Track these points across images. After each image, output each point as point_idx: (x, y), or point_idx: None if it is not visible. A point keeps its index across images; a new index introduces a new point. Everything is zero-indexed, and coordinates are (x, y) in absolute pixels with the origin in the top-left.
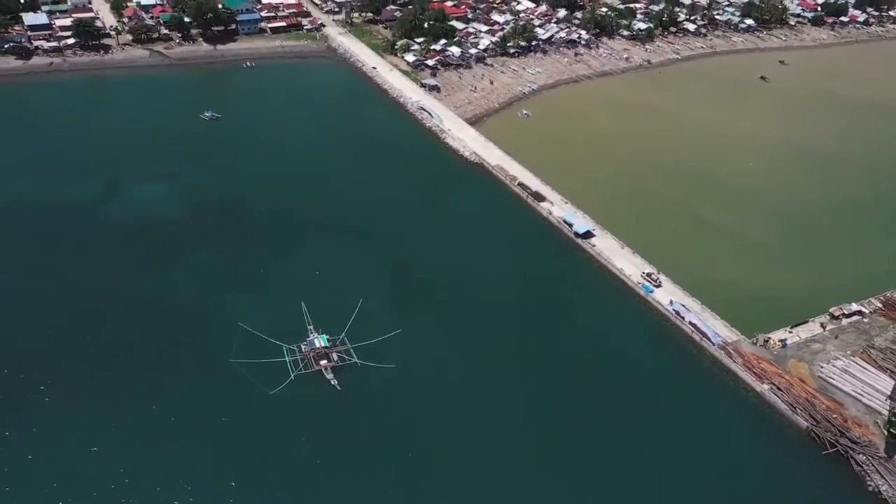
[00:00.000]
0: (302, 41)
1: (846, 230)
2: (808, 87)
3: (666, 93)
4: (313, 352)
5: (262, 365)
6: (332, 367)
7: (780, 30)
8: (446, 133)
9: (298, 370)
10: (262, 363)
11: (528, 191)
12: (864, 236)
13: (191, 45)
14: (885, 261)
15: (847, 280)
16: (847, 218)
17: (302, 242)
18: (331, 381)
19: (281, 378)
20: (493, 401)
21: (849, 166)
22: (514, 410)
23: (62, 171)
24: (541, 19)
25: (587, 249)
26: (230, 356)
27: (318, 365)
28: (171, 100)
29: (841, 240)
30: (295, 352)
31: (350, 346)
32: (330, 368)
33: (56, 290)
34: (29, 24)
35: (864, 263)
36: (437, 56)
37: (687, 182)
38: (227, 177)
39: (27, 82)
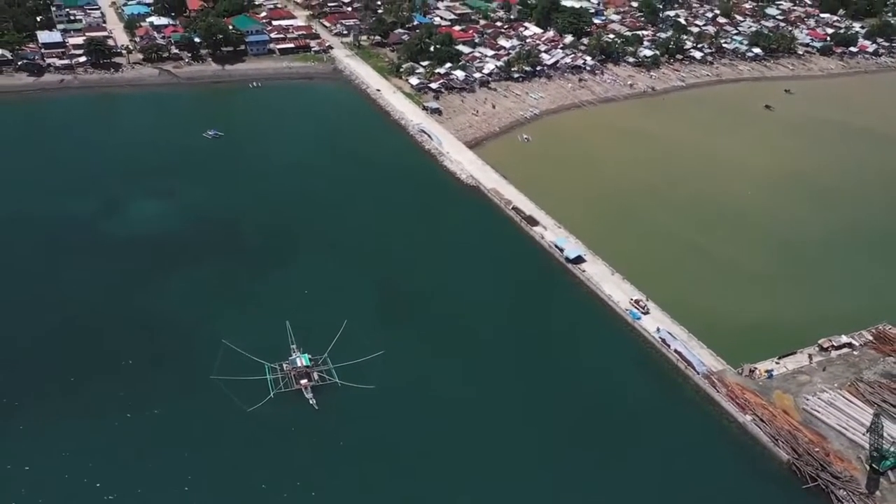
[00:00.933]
0: (309, 62)
1: (841, 261)
2: (813, 116)
3: (668, 120)
4: (294, 371)
5: (243, 382)
6: (312, 386)
7: (787, 59)
8: (444, 156)
9: (278, 388)
10: (244, 380)
11: (521, 215)
12: (858, 268)
13: (200, 64)
14: (879, 293)
15: (839, 311)
16: (843, 248)
17: (294, 261)
18: (309, 401)
19: (261, 396)
20: (473, 426)
21: (849, 197)
22: (493, 436)
23: (64, 184)
24: (547, 45)
25: (577, 275)
26: (212, 372)
27: (298, 384)
28: (176, 118)
29: (835, 270)
30: (276, 370)
31: (332, 366)
32: (310, 388)
33: (47, 300)
34: (43, 41)
35: (857, 295)
36: (441, 79)
37: (683, 209)
38: (225, 194)
39: (37, 98)
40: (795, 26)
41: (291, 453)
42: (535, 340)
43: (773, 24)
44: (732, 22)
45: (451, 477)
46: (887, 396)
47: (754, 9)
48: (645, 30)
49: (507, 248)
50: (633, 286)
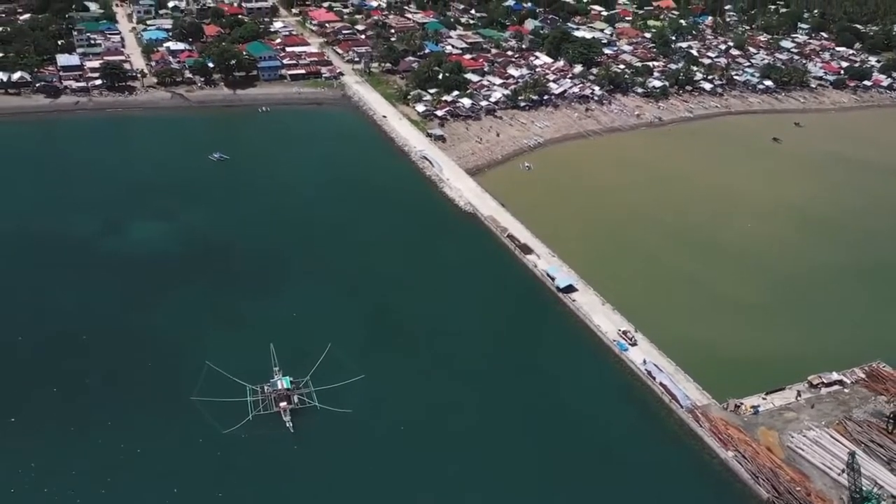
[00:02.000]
0: (319, 88)
1: (837, 296)
2: (821, 150)
3: (672, 150)
4: (275, 393)
5: (223, 403)
6: (291, 409)
7: (799, 92)
8: (444, 182)
9: (257, 411)
10: (224, 402)
11: (516, 242)
12: (855, 304)
13: (212, 88)
14: (875, 330)
15: (832, 348)
16: (841, 284)
17: (285, 284)
18: (286, 423)
19: (239, 417)
20: (449, 455)
21: (853, 231)
22: (470, 466)
23: (68, 202)
24: (556, 74)
25: (567, 304)
26: (193, 393)
27: (277, 406)
28: (184, 140)
29: (831, 306)
30: (257, 392)
31: (313, 390)
32: (289, 410)
33: (35, 315)
34: (62, 65)
35: (852, 331)
36: (448, 107)
37: (681, 240)
38: (225, 216)
39: (52, 119)
40: (810, 59)
41: (261, 475)
42: (521, 370)
43: (788, 56)
44: (746, 54)
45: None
46: (875, 437)
47: (769, 42)
48: (656, 60)
49: (499, 275)
50: (623, 317)
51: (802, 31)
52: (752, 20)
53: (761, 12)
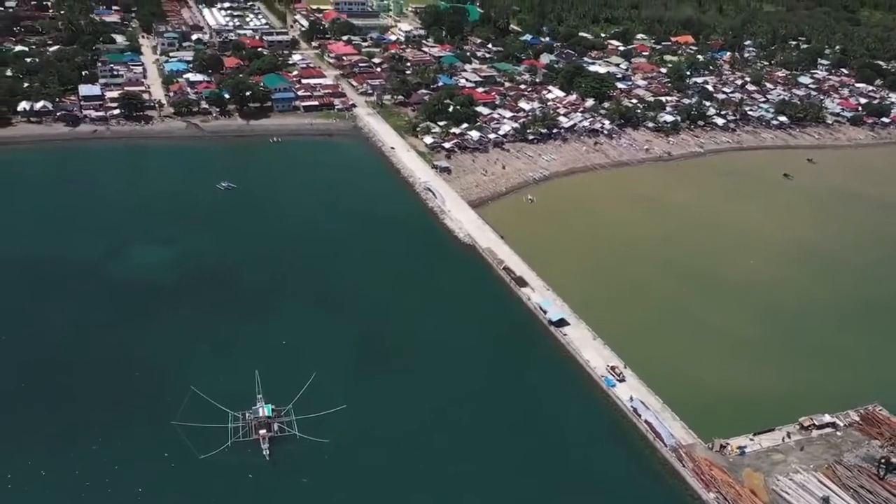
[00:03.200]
0: (331, 119)
1: (837, 335)
2: (833, 186)
3: (680, 185)
4: (256, 420)
5: (204, 429)
6: (270, 436)
7: (814, 128)
8: (446, 214)
9: (237, 437)
10: (204, 427)
11: (511, 275)
12: (855, 343)
13: (226, 119)
14: (874, 371)
15: (827, 389)
16: (841, 323)
17: (278, 311)
18: (263, 451)
19: (218, 444)
20: (424, 488)
21: (858, 270)
22: (444, 500)
23: (76, 227)
24: (567, 108)
25: (558, 338)
26: (174, 418)
27: (257, 434)
28: (194, 169)
29: (829, 345)
30: (239, 419)
31: (294, 418)
32: (267, 438)
33: (31, 335)
34: (83, 94)
35: (849, 372)
36: (456, 139)
37: (680, 275)
38: (226, 244)
39: (69, 147)
40: (827, 95)
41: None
42: (507, 405)
43: (805, 92)
44: (762, 90)
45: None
46: (865, 482)
47: (787, 77)
48: (670, 95)
49: (492, 308)
50: (614, 352)
51: (822, 67)
52: (772, 56)
53: (781, 48)
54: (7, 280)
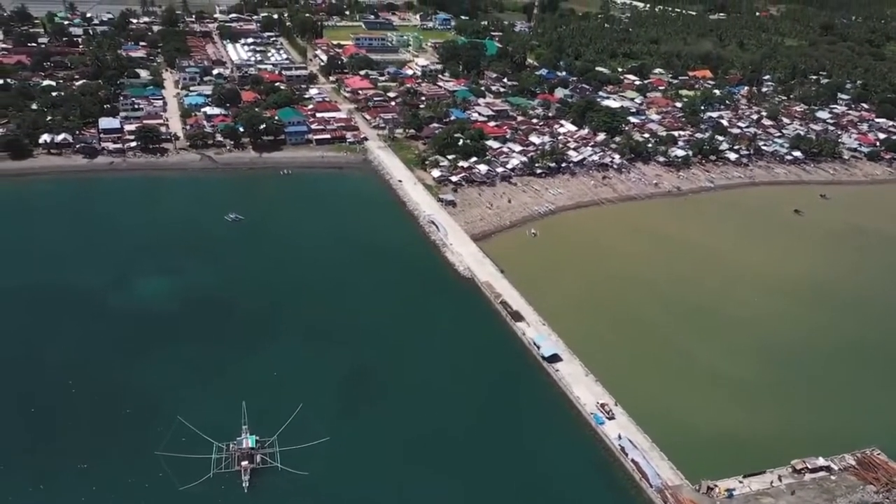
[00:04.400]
0: (342, 153)
1: (836, 376)
2: (845, 223)
3: (685, 221)
4: (239, 451)
5: (187, 460)
6: (252, 468)
7: (830, 163)
8: (447, 247)
9: (219, 468)
10: (187, 458)
11: (508, 309)
12: (855, 384)
13: (240, 151)
14: (874, 414)
15: (824, 431)
16: (842, 363)
17: (272, 342)
18: (243, 483)
19: (199, 474)
20: None
21: (863, 308)
22: None
23: (82, 258)
24: (578, 142)
25: (551, 374)
26: (158, 448)
27: (239, 465)
28: (204, 201)
29: (829, 385)
30: (223, 450)
31: (277, 450)
32: (249, 470)
33: (24, 364)
34: (103, 127)
35: (848, 414)
36: (463, 173)
37: (680, 312)
38: (228, 275)
39: (85, 178)
40: (845, 130)
41: None
42: (494, 441)
43: (822, 127)
44: (778, 125)
45: None
46: None
47: (805, 112)
48: (683, 130)
49: (486, 343)
50: (605, 389)
51: (842, 102)
52: (790, 90)
53: (800, 83)
54: (11, 307)
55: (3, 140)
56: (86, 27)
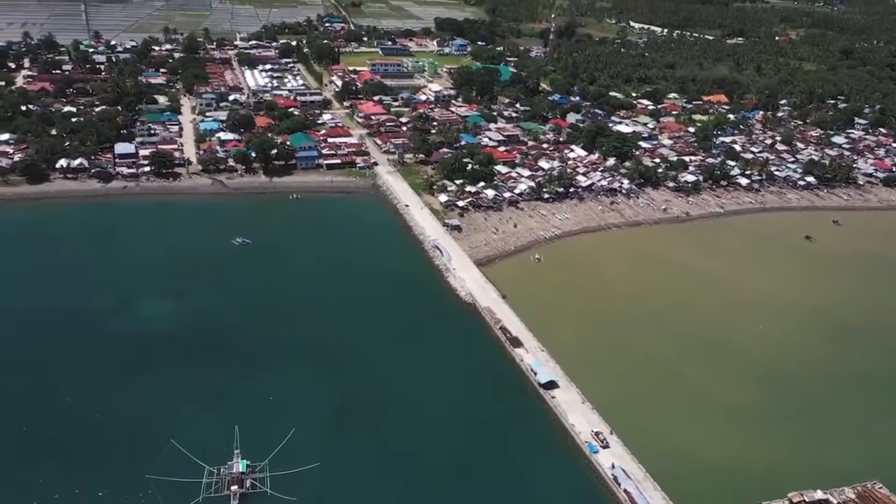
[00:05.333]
0: (351, 177)
1: (839, 407)
2: (858, 249)
3: (693, 247)
4: (229, 476)
5: (177, 483)
6: (241, 493)
7: (844, 189)
8: (450, 272)
9: (209, 493)
10: (178, 482)
11: (507, 335)
12: (859, 416)
13: (251, 176)
14: (875, 446)
15: (823, 463)
16: (847, 394)
17: (270, 366)
18: None
19: (189, 498)
20: None
21: (870, 337)
22: None
23: (90, 281)
24: (588, 167)
25: (547, 400)
26: (150, 470)
27: (228, 489)
28: (213, 225)
29: (830, 416)
30: (213, 474)
31: (268, 475)
32: (239, 495)
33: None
34: (118, 153)
35: (848, 446)
36: (470, 197)
37: (681, 339)
38: (232, 299)
39: (99, 203)
40: (861, 155)
41: None
42: (485, 469)
43: (838, 152)
44: (792, 150)
45: None
46: None
47: (821, 137)
48: (694, 155)
49: (484, 368)
50: (601, 417)
51: (860, 127)
52: (806, 115)
53: (817, 108)
54: (17, 327)
55: (21, 165)
56: (109, 55)
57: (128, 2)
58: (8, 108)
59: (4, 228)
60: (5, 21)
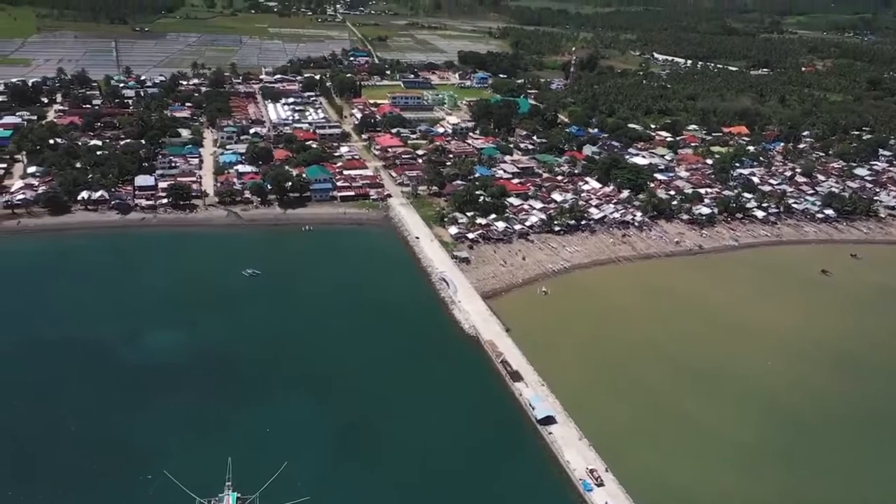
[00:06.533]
0: (364, 209)
1: (848, 449)
2: (877, 284)
3: (704, 280)
4: None
5: None
6: None
7: (864, 222)
8: (455, 305)
9: None
10: None
11: (507, 369)
12: (867, 456)
13: (266, 208)
14: (882, 490)
15: None
16: (855, 432)
17: (270, 397)
18: None
19: None
20: None
21: (884, 376)
22: None
23: (99, 311)
24: (601, 199)
25: (544, 436)
26: (141, 502)
27: None
28: (225, 256)
29: (837, 458)
30: None
31: None
32: None
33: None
34: (138, 185)
35: (855, 489)
36: (480, 230)
37: (687, 374)
38: (237, 329)
39: (117, 234)
40: (884, 188)
41: None
42: None
43: (859, 184)
44: (812, 182)
45: None
46: None
47: (843, 169)
48: (711, 187)
49: (483, 402)
50: (598, 454)
51: (884, 158)
52: (829, 146)
53: (840, 139)
54: (28, 355)
55: (44, 197)
56: (138, 89)
57: (161, 38)
58: (36, 142)
59: (24, 258)
60: (43, 57)
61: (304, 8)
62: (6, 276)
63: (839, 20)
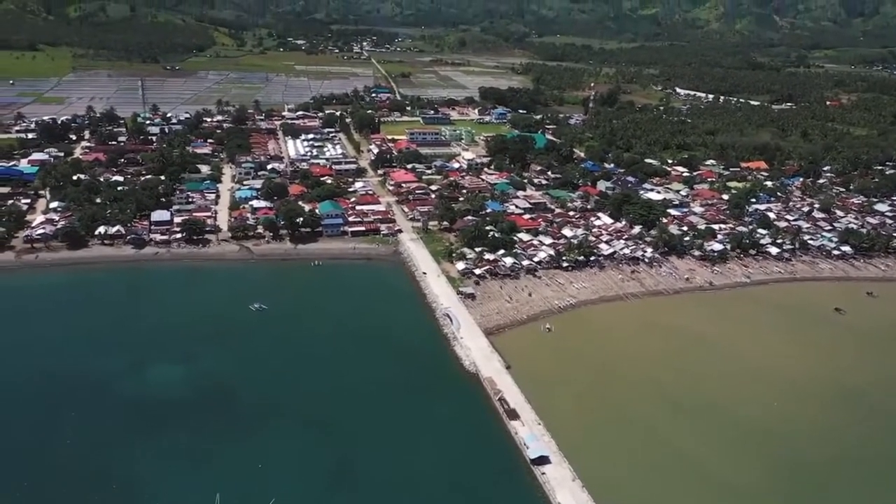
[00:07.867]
0: (374, 244)
1: (855, 490)
2: (891, 323)
3: (713, 318)
4: None
5: None
6: None
7: (882, 259)
8: (457, 341)
9: None
10: None
11: (505, 407)
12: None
13: (278, 243)
14: None
15: None
16: (862, 476)
17: (265, 433)
18: None
19: None
20: None
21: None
22: None
23: (105, 345)
24: (612, 235)
25: (537, 476)
26: None
27: None
28: (233, 291)
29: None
30: None
31: None
32: None
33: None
34: (154, 220)
35: None
36: (488, 265)
37: (689, 415)
38: (239, 364)
39: (130, 268)
40: None
41: None
42: None
43: (879, 220)
44: (830, 217)
45: None
46: None
47: (863, 204)
48: (725, 223)
49: (478, 440)
50: (590, 496)
51: None
52: (849, 181)
53: (861, 174)
54: (31, 388)
55: (62, 232)
56: (162, 126)
57: (191, 76)
58: (60, 178)
59: (37, 292)
60: (77, 95)
61: (331, 46)
62: (17, 309)
63: (867, 53)
